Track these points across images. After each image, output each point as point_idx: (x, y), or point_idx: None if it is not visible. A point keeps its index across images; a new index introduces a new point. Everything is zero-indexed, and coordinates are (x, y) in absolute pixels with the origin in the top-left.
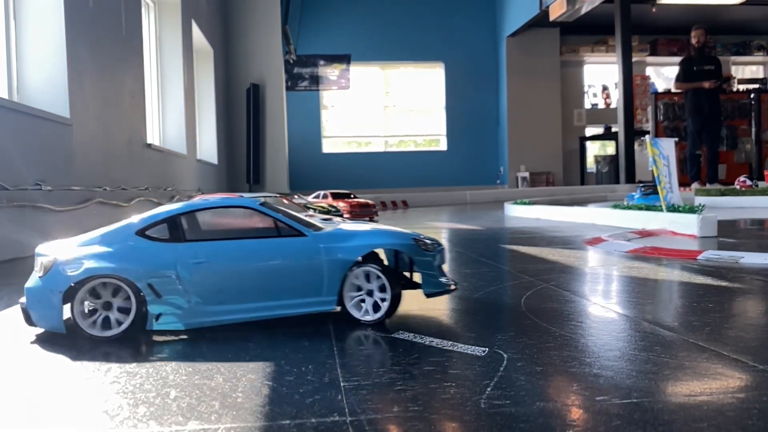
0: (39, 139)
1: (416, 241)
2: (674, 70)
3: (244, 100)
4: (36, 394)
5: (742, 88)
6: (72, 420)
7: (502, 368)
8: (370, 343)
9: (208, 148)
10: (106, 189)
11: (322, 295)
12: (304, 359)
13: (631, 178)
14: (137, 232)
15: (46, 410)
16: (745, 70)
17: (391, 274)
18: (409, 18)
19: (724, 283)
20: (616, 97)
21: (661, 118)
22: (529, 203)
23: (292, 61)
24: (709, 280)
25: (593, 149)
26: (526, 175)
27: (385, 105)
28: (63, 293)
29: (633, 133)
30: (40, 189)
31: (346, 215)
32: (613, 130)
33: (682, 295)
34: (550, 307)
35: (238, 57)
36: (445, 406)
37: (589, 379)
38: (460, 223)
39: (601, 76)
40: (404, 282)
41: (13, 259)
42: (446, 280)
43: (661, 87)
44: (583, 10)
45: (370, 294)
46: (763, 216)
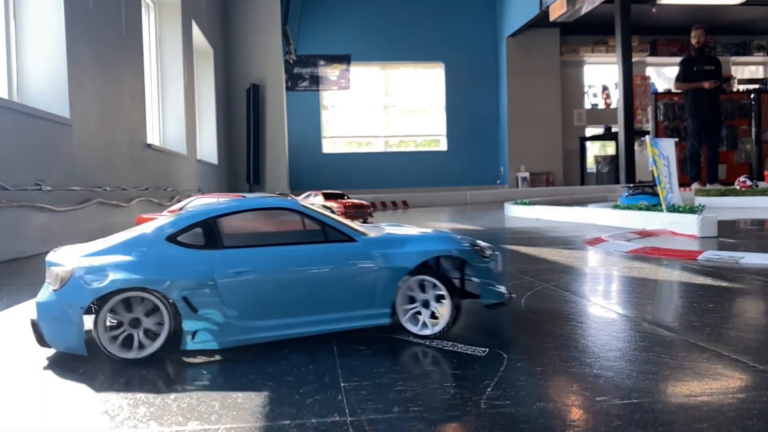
0: (39, 139)
1: (474, 247)
2: (674, 70)
3: (244, 100)
4: (36, 394)
5: (742, 88)
6: (72, 420)
7: (502, 368)
8: (370, 343)
9: (208, 148)
10: (106, 189)
11: (374, 308)
12: (304, 359)
13: (631, 179)
14: (168, 238)
15: (47, 410)
16: (744, 71)
17: (450, 283)
18: (409, 18)
19: (724, 284)
20: (616, 97)
21: (661, 118)
22: (529, 203)
23: (292, 61)
24: (709, 281)
25: (593, 149)
26: (526, 175)
27: (385, 105)
28: (84, 309)
29: (633, 134)
30: (40, 189)
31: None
32: (613, 130)
33: (682, 296)
34: (550, 308)
35: (238, 57)
36: (445, 406)
37: (589, 380)
38: (461, 223)
39: (601, 76)
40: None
41: (14, 259)
42: (504, 290)
43: (661, 87)
44: (583, 11)
45: (425, 305)
46: (763, 216)
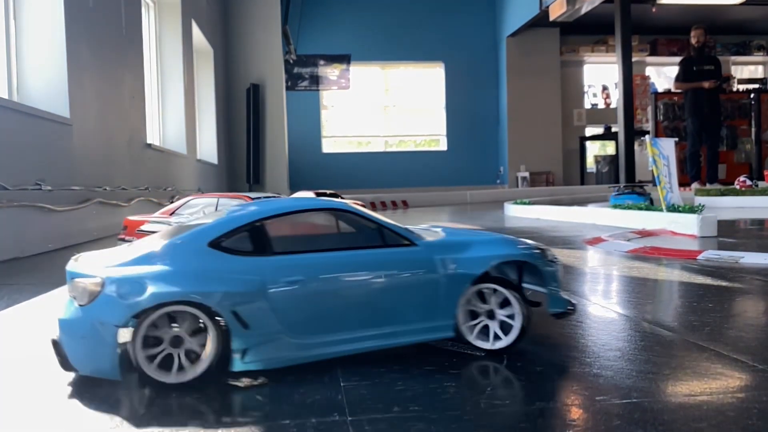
0: (39, 139)
1: (539, 250)
2: (674, 70)
3: (244, 100)
4: (36, 394)
5: (741, 88)
6: (72, 420)
7: (502, 368)
8: None
9: (208, 148)
10: (106, 189)
11: (437, 320)
12: None
13: (631, 179)
14: (211, 244)
15: (47, 410)
16: (744, 71)
17: (517, 290)
18: (409, 18)
19: (724, 283)
20: (616, 97)
21: (661, 118)
22: (529, 203)
23: (292, 61)
24: (709, 280)
25: (593, 149)
26: (526, 175)
27: (385, 105)
28: (120, 327)
29: (633, 133)
30: (40, 189)
31: None
32: (613, 130)
33: (682, 295)
34: None
35: (238, 57)
36: (445, 406)
37: (589, 379)
38: (461, 223)
39: (601, 76)
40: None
41: (13, 259)
42: (568, 298)
43: (661, 87)
44: (583, 10)
45: (490, 316)
46: (763, 216)
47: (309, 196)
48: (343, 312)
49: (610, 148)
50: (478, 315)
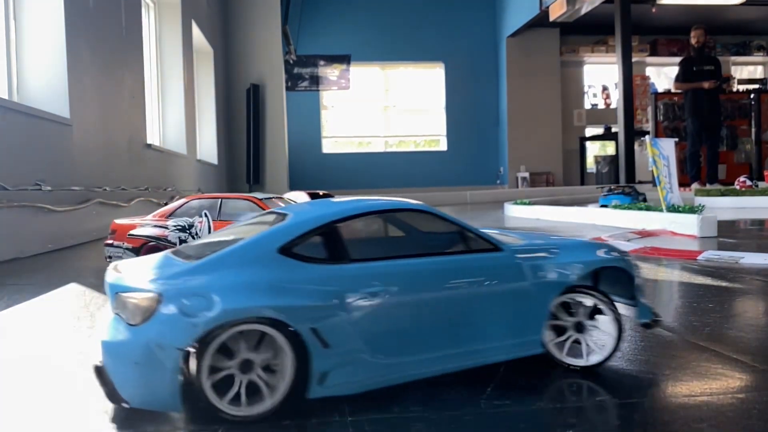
0: (39, 139)
1: (624, 255)
2: (674, 71)
3: (244, 100)
4: (36, 394)
5: (741, 88)
6: (72, 420)
7: (502, 368)
8: None
9: (208, 148)
10: (106, 189)
11: (524, 335)
12: None
13: (631, 179)
14: (281, 250)
15: (47, 410)
16: (743, 71)
17: (608, 297)
18: (409, 18)
19: (724, 284)
20: (616, 98)
21: (661, 118)
22: (529, 203)
23: (292, 62)
24: (709, 281)
25: (593, 149)
26: (526, 175)
27: (385, 105)
28: (183, 350)
29: (633, 134)
30: (40, 189)
31: None
32: (613, 130)
33: (682, 295)
34: None
35: (238, 57)
36: (445, 406)
37: (589, 379)
38: None
39: (601, 77)
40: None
41: (13, 259)
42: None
43: (661, 87)
44: (583, 11)
45: (579, 329)
46: (763, 216)
47: (302, 196)
48: (427, 327)
49: (610, 149)
50: (563, 329)
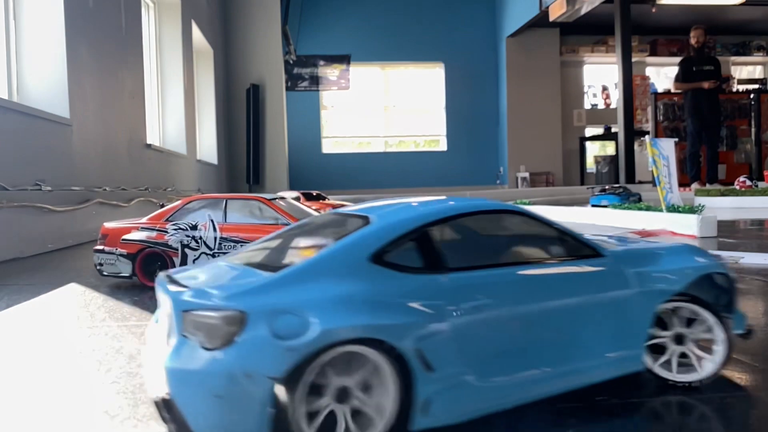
0: (39, 139)
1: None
2: (674, 71)
3: (244, 100)
4: (36, 394)
5: (741, 88)
6: (72, 420)
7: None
8: None
9: (208, 148)
10: (105, 189)
11: (627, 348)
12: None
13: (631, 179)
14: (373, 257)
15: (47, 410)
16: (743, 71)
17: (713, 308)
18: (409, 18)
19: None
20: (616, 98)
21: (661, 118)
22: (529, 203)
23: (291, 62)
24: None
25: (593, 149)
26: (526, 175)
27: (385, 105)
28: (277, 379)
29: (633, 134)
30: (40, 189)
31: None
32: (613, 130)
33: None
34: None
35: (238, 57)
36: None
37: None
38: None
39: (600, 77)
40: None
41: (14, 259)
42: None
43: (661, 87)
44: (583, 11)
45: (678, 341)
46: (763, 216)
47: (294, 196)
48: (533, 344)
49: (610, 149)
50: (660, 346)
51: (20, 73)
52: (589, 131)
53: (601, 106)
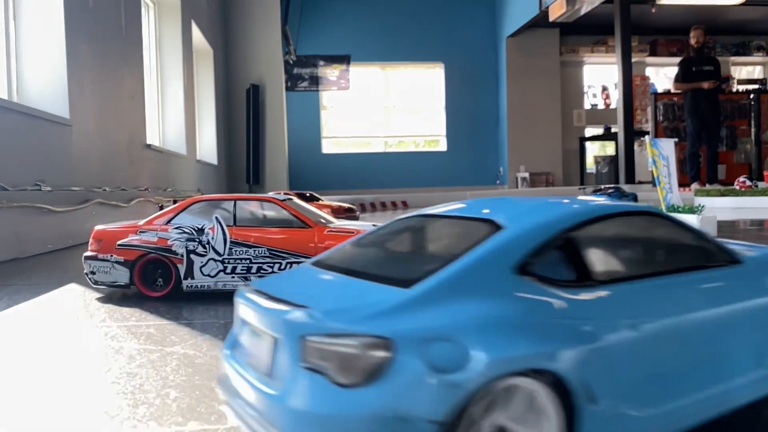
0: (39, 139)
1: None
2: (674, 71)
3: (244, 101)
4: (36, 393)
5: (741, 88)
6: (72, 420)
7: None
8: None
9: (208, 148)
10: (105, 189)
11: (765, 365)
12: None
13: (630, 179)
14: (518, 269)
15: (47, 409)
16: (742, 71)
17: None
18: (409, 18)
19: None
20: (616, 98)
21: (661, 118)
22: None
23: (291, 62)
24: None
25: (593, 150)
26: (526, 175)
27: (385, 105)
28: (439, 423)
29: (633, 134)
30: (40, 190)
31: None
32: (613, 130)
33: None
34: None
35: (238, 57)
36: None
37: None
38: None
39: (600, 77)
40: None
41: (13, 259)
42: None
43: (660, 87)
44: (583, 11)
45: None
46: (762, 216)
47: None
48: (688, 364)
49: (609, 149)
50: None
51: (20, 73)
52: (589, 131)
53: (601, 106)
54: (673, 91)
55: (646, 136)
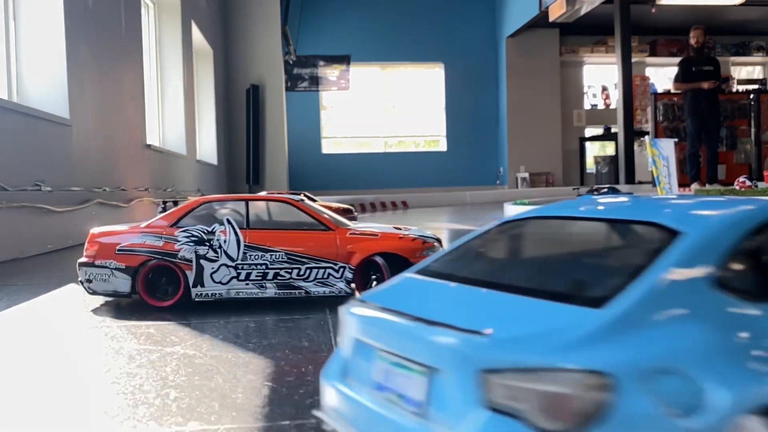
0: (39, 139)
1: None
2: (674, 71)
3: (243, 101)
4: (36, 393)
5: (741, 88)
6: (72, 420)
7: None
8: None
9: (208, 148)
10: (105, 189)
11: None
12: (304, 359)
13: (630, 179)
14: (716, 283)
15: (47, 409)
16: (742, 71)
17: None
18: (409, 18)
19: None
20: (616, 98)
21: (661, 118)
22: (529, 203)
23: (291, 62)
24: None
25: (593, 150)
26: (526, 175)
27: (385, 105)
28: None
29: (632, 134)
30: (40, 190)
31: None
32: (613, 130)
33: None
34: None
35: (237, 57)
36: None
37: None
38: (460, 223)
39: (600, 77)
40: None
41: (13, 259)
42: None
43: (660, 87)
44: (583, 11)
45: None
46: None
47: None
48: None
49: (609, 149)
50: None
51: (20, 73)
52: (589, 131)
53: (601, 106)
54: (672, 91)
55: (646, 136)
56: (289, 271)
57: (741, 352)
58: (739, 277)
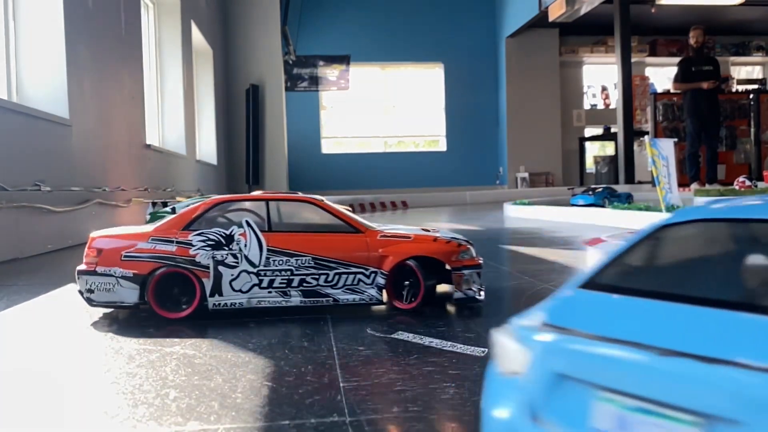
0: (38, 139)
1: None
2: (673, 71)
3: (243, 101)
4: (36, 393)
5: (741, 88)
6: (72, 420)
7: None
8: (370, 343)
9: (208, 148)
10: (105, 189)
11: None
12: (303, 359)
13: (630, 179)
14: None
15: (47, 409)
16: (742, 71)
17: None
18: (409, 18)
19: None
20: (616, 98)
21: (660, 118)
22: (529, 203)
23: (291, 62)
24: None
25: (593, 150)
26: (526, 175)
27: (385, 105)
28: None
29: (632, 134)
30: (40, 190)
31: None
32: (613, 130)
33: None
34: None
35: (237, 57)
36: (445, 406)
37: None
38: (460, 223)
39: (600, 77)
40: None
41: (13, 259)
42: None
43: (660, 87)
44: (583, 11)
45: None
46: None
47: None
48: None
49: (609, 149)
50: None
51: (20, 74)
52: (589, 131)
53: (601, 106)
54: (672, 91)
55: (646, 136)
56: (316, 277)
57: None
58: None
